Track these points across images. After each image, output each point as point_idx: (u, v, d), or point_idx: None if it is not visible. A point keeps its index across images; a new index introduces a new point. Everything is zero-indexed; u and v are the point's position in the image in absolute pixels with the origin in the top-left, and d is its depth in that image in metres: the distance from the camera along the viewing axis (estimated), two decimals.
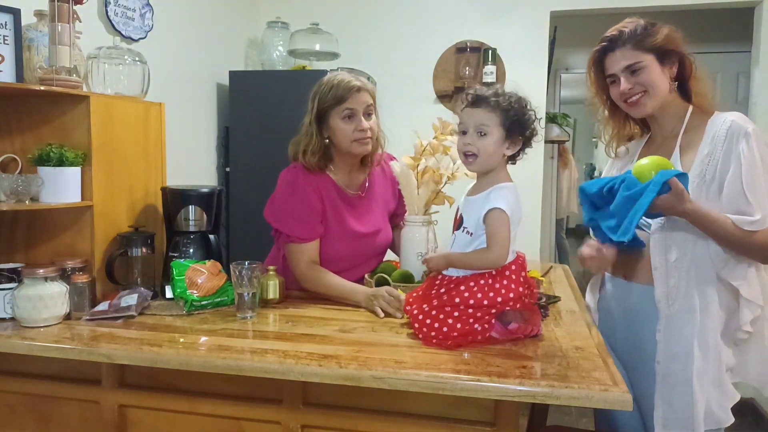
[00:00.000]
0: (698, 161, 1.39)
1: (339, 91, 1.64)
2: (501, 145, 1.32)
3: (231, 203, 3.02)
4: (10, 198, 1.48)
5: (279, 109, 2.94)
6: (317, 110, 1.68)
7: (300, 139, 1.72)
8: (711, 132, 1.40)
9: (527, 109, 1.33)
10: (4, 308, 1.45)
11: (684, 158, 1.43)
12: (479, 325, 1.27)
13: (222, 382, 1.29)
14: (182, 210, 1.80)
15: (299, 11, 3.36)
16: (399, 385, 1.12)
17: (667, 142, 1.49)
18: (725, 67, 3.77)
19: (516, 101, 1.31)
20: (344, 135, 1.66)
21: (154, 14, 2.46)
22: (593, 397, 1.05)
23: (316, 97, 1.68)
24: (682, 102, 1.48)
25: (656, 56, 1.43)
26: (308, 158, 1.69)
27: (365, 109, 1.67)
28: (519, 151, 1.35)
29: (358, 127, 1.65)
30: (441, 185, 1.71)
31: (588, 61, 1.54)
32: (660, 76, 1.44)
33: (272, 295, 1.62)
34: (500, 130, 1.31)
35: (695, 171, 1.39)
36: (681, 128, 1.46)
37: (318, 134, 1.69)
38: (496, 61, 3.17)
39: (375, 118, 1.72)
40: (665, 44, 1.43)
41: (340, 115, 1.65)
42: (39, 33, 1.66)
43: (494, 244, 1.27)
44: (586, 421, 2.93)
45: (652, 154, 1.48)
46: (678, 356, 1.41)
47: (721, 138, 1.37)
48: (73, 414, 1.41)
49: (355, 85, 1.65)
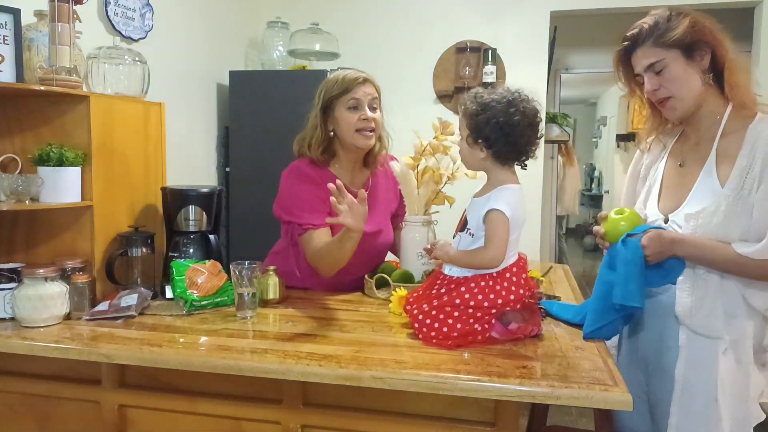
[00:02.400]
0: (736, 173, 1.28)
1: (345, 83, 1.68)
2: (470, 147, 1.33)
3: (231, 203, 3.03)
4: (10, 198, 1.48)
5: (279, 109, 2.94)
6: (323, 101, 1.71)
7: (305, 134, 1.76)
8: (751, 140, 1.28)
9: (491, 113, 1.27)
10: (4, 308, 1.45)
11: (721, 167, 1.32)
12: (479, 326, 1.27)
13: (222, 382, 1.29)
14: (182, 210, 1.80)
15: (299, 11, 3.36)
16: (399, 385, 1.12)
17: (702, 144, 1.37)
18: None
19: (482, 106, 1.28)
20: (348, 124, 1.69)
21: (154, 14, 2.46)
22: (593, 397, 1.05)
23: (323, 90, 1.73)
24: (720, 99, 1.35)
25: (682, 51, 1.32)
26: (312, 151, 1.72)
27: (370, 101, 1.70)
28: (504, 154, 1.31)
29: (362, 116, 1.68)
30: (441, 185, 1.71)
31: (613, 60, 1.45)
32: (686, 72, 1.32)
33: (272, 295, 1.62)
34: (467, 133, 1.33)
35: (732, 184, 1.28)
36: (718, 131, 1.33)
37: (322, 126, 1.72)
38: (496, 61, 3.17)
39: (380, 113, 1.74)
40: (688, 37, 1.31)
41: (345, 105, 1.69)
42: (39, 33, 1.66)
43: (491, 245, 1.28)
44: (586, 421, 2.93)
45: (686, 155, 1.42)
46: (700, 363, 1.32)
47: (762, 148, 1.26)
48: (73, 414, 1.41)
49: (361, 77, 1.70)
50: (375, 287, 1.70)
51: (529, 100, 1.31)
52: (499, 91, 1.31)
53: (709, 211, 1.30)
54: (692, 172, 1.38)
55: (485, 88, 1.36)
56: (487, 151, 1.32)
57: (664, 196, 1.45)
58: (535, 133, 1.33)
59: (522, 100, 1.29)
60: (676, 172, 1.45)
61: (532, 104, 1.31)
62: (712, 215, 1.30)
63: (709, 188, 1.32)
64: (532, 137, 1.32)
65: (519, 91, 1.31)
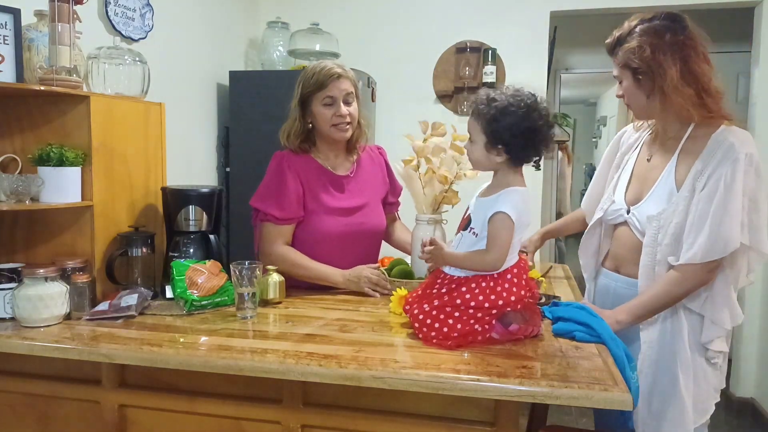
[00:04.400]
0: (691, 175, 1.39)
1: (320, 78, 1.72)
2: (487, 151, 1.31)
3: (231, 203, 3.02)
4: (10, 198, 1.48)
5: (279, 109, 2.91)
6: (301, 96, 1.76)
7: (286, 125, 1.82)
8: (710, 148, 1.38)
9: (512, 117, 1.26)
10: (4, 308, 1.45)
11: (679, 167, 1.43)
12: (479, 326, 1.27)
13: (222, 382, 1.29)
14: (182, 210, 1.80)
15: (299, 11, 3.36)
16: (399, 385, 1.12)
17: (669, 144, 1.48)
18: (725, 67, 3.77)
19: (500, 110, 1.26)
20: (324, 120, 1.74)
21: (154, 14, 2.46)
22: (593, 397, 1.05)
23: (301, 83, 1.77)
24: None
25: (630, 72, 1.42)
26: (291, 141, 1.79)
27: (345, 96, 1.74)
28: (521, 158, 1.31)
29: (336, 113, 1.73)
30: (448, 184, 1.71)
31: None
32: (635, 91, 1.44)
33: (272, 295, 1.62)
34: (483, 138, 1.30)
35: (687, 185, 1.39)
36: (685, 134, 1.43)
37: (301, 118, 1.77)
38: (496, 61, 3.17)
39: (356, 106, 1.78)
40: (632, 63, 1.41)
41: (320, 101, 1.73)
42: (39, 33, 1.66)
43: (493, 247, 1.27)
44: (586, 421, 2.93)
45: (654, 151, 1.51)
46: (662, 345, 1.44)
47: (715, 157, 1.35)
48: (73, 414, 1.41)
49: (336, 72, 1.72)
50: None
51: (543, 101, 1.30)
52: (510, 93, 1.29)
53: (669, 212, 1.40)
54: (657, 169, 1.49)
55: (493, 90, 1.33)
56: (506, 155, 1.30)
57: (631, 188, 1.55)
58: (551, 134, 1.33)
59: (539, 103, 1.28)
60: (644, 165, 1.54)
61: (545, 104, 1.30)
62: (672, 215, 1.39)
63: (667, 189, 1.43)
64: (550, 138, 1.32)
65: (534, 94, 1.29)
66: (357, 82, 1.79)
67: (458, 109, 3.29)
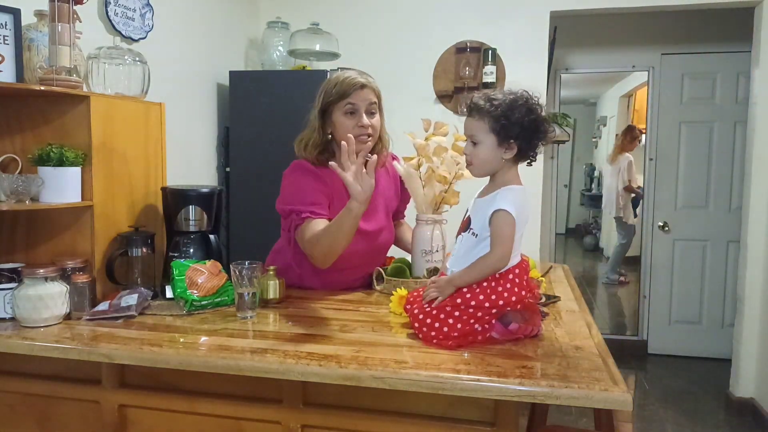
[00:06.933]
0: None
1: (343, 87, 1.66)
2: (496, 150, 1.31)
3: (231, 203, 3.02)
4: (10, 198, 1.48)
5: (279, 109, 2.94)
6: (322, 104, 1.70)
7: (303, 135, 1.75)
8: None
9: (519, 112, 1.28)
10: (4, 308, 1.45)
11: None
12: (479, 326, 1.28)
13: (222, 382, 1.29)
14: (182, 210, 1.80)
15: (299, 11, 3.36)
16: (399, 385, 1.12)
17: None
18: (725, 67, 3.76)
19: (507, 106, 1.28)
20: (344, 130, 1.66)
21: (154, 14, 2.46)
22: (593, 397, 1.05)
23: (323, 91, 1.71)
24: None
25: None
26: (309, 151, 1.71)
27: (368, 106, 1.68)
28: (528, 152, 1.32)
29: (359, 123, 1.66)
30: (448, 184, 1.71)
31: None
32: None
33: (272, 295, 1.62)
34: (491, 137, 1.30)
35: None
36: None
37: (320, 129, 1.71)
38: (496, 61, 3.17)
39: (378, 118, 1.72)
40: None
41: (342, 110, 1.67)
42: (39, 33, 1.66)
43: (497, 245, 1.27)
44: (586, 421, 2.93)
45: None
46: None
47: None
48: (73, 414, 1.41)
49: (359, 82, 1.66)
50: (374, 279, 1.76)
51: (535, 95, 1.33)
52: (504, 91, 1.32)
53: None
54: None
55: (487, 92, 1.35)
56: (511, 152, 1.31)
57: None
58: (551, 125, 1.36)
59: (533, 97, 1.32)
60: None
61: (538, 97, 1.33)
62: None
63: None
64: (550, 129, 1.35)
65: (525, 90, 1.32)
66: (381, 93, 1.73)
67: (458, 109, 3.28)
